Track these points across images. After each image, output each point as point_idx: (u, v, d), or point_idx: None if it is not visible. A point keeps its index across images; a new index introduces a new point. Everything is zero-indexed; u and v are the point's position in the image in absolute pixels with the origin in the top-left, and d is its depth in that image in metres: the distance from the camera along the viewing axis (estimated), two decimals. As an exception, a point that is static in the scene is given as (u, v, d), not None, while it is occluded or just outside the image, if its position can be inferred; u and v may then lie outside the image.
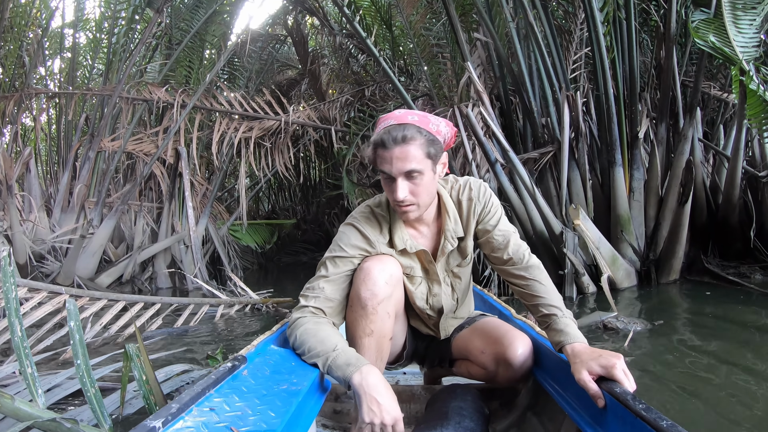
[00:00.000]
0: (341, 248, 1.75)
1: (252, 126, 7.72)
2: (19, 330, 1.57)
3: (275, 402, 1.34)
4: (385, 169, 1.62)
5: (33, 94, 7.85)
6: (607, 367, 1.34)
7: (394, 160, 1.60)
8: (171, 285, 7.56)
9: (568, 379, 1.45)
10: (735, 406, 2.28)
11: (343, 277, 1.73)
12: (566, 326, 1.58)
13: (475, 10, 6.46)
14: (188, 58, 8.51)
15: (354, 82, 9.74)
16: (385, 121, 1.68)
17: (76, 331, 1.63)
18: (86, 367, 1.60)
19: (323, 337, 1.56)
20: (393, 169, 1.61)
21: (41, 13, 8.71)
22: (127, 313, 4.24)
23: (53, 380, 2.52)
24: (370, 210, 1.82)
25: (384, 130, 1.63)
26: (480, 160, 5.53)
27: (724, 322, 3.86)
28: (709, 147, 6.27)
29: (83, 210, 7.45)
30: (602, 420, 1.31)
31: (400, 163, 1.60)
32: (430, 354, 2.09)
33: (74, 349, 1.62)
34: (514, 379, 1.81)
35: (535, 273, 1.75)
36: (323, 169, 12.13)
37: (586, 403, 1.38)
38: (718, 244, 5.75)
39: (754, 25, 4.89)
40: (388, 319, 1.71)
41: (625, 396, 1.21)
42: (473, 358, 1.90)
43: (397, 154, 1.60)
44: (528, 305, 1.74)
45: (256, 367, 1.55)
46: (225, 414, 1.22)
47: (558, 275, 4.91)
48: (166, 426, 1.07)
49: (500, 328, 1.89)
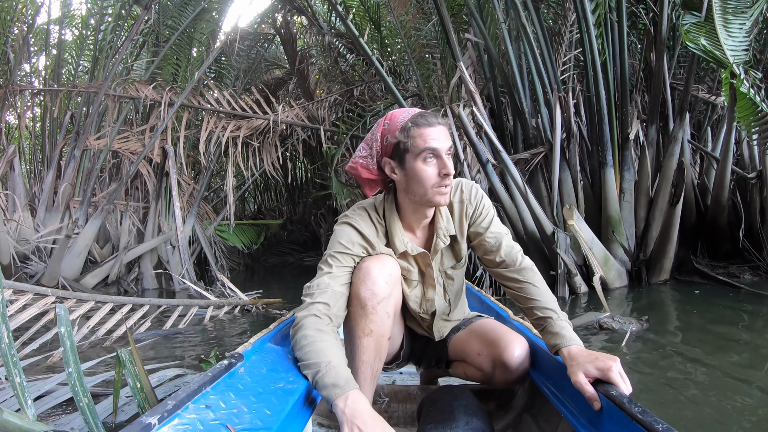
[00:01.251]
0: (342, 245, 1.71)
1: (240, 125, 7.65)
2: (6, 337, 1.51)
3: (271, 400, 1.34)
4: (432, 144, 1.61)
5: (17, 91, 7.72)
6: (603, 369, 1.34)
7: (441, 136, 1.63)
8: (157, 286, 7.48)
9: (564, 381, 1.45)
10: (727, 404, 2.30)
11: (346, 272, 1.70)
12: (562, 329, 1.57)
13: (465, 10, 6.45)
14: (176, 56, 8.45)
15: (342, 81, 9.70)
16: (405, 113, 1.69)
17: (67, 338, 1.57)
18: (78, 376, 1.55)
19: (319, 349, 1.50)
20: (442, 144, 1.63)
21: (27, 9, 8.58)
22: (114, 316, 4.17)
23: (42, 386, 2.46)
24: (366, 212, 1.79)
25: (417, 114, 1.65)
26: (471, 160, 5.51)
27: (716, 320, 3.91)
28: (698, 149, 6.32)
29: (68, 209, 7.35)
30: (598, 422, 1.31)
31: (446, 139, 1.64)
32: (426, 355, 2.08)
33: (65, 357, 1.56)
34: (511, 381, 1.80)
35: (529, 275, 1.74)
36: (310, 170, 12.09)
37: (582, 405, 1.38)
38: (707, 244, 5.81)
39: (744, 29, 4.93)
40: (387, 318, 1.69)
41: (621, 399, 1.21)
42: (470, 360, 1.89)
43: (442, 131, 1.63)
44: (522, 308, 1.73)
45: (252, 365, 1.54)
46: (221, 411, 1.21)
47: (550, 275, 4.91)
48: (161, 423, 1.06)
49: (497, 330, 1.87)
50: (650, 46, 5.99)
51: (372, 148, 1.73)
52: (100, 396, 2.47)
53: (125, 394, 2.32)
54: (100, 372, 3.00)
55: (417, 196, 1.69)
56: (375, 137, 1.72)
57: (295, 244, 11.55)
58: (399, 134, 1.64)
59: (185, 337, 4.22)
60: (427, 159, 1.63)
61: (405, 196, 1.74)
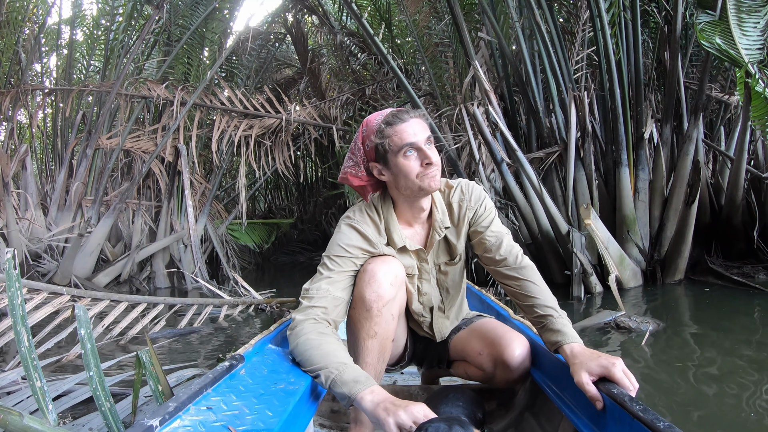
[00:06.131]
0: (342, 248, 1.72)
1: (252, 124, 7.66)
2: (26, 340, 1.49)
3: (273, 401, 1.34)
4: (409, 140, 1.65)
5: (29, 90, 7.76)
6: (607, 367, 1.34)
7: (416, 129, 1.67)
8: (169, 285, 7.50)
9: (565, 379, 1.45)
10: (743, 406, 2.29)
11: (345, 276, 1.71)
12: (563, 326, 1.57)
13: (478, 9, 6.43)
14: (187, 56, 8.47)
15: (354, 81, 9.70)
16: (379, 115, 1.74)
17: (88, 340, 1.55)
18: (100, 379, 1.53)
19: (329, 351, 1.51)
20: (418, 137, 1.66)
21: (38, 9, 8.62)
22: (129, 314, 4.17)
23: (60, 387, 2.45)
24: (365, 212, 1.81)
25: (388, 114, 1.70)
26: (486, 158, 5.50)
27: (732, 321, 3.89)
28: (712, 148, 6.27)
29: (80, 208, 7.38)
30: (600, 421, 1.31)
31: (422, 131, 1.67)
32: (428, 355, 2.08)
33: (86, 359, 1.54)
34: (512, 380, 1.80)
35: (528, 273, 1.74)
36: (321, 169, 12.10)
37: (584, 403, 1.38)
38: (721, 244, 5.79)
39: (758, 27, 4.88)
40: (392, 320, 1.71)
41: (623, 397, 1.21)
42: (471, 360, 1.90)
43: (415, 124, 1.67)
44: (522, 305, 1.73)
45: (253, 367, 1.55)
46: (222, 413, 1.23)
47: (565, 275, 4.89)
48: (163, 425, 1.07)
49: (498, 329, 1.88)
50: (663, 44, 5.96)
51: (356, 156, 1.78)
52: (117, 395, 2.46)
53: (144, 394, 2.31)
54: (114, 370, 3.00)
55: (408, 190, 1.72)
56: (357, 145, 1.77)
57: (305, 244, 11.55)
58: (376, 137, 1.69)
59: (200, 336, 4.23)
60: (407, 154, 1.66)
61: (398, 193, 1.77)
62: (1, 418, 1.30)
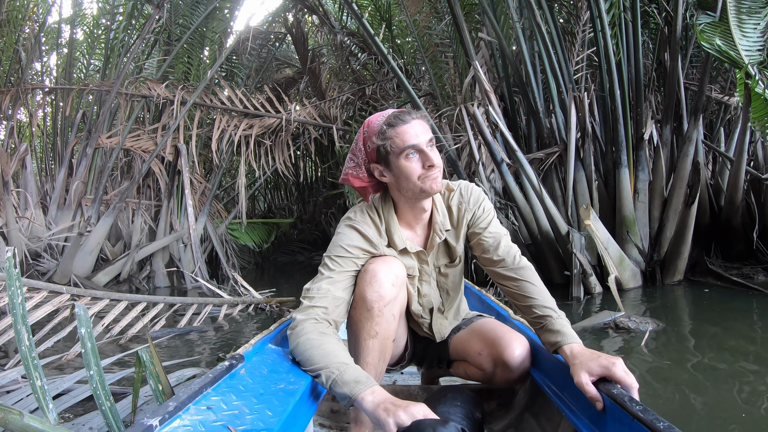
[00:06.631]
0: (343, 248, 1.72)
1: (252, 123, 7.66)
2: (27, 339, 1.49)
3: (272, 401, 1.34)
4: (411, 141, 1.64)
5: (29, 89, 7.76)
6: (607, 367, 1.34)
7: (418, 131, 1.66)
8: (169, 284, 7.49)
9: (565, 380, 1.45)
10: (743, 406, 2.30)
11: (346, 276, 1.71)
12: (563, 327, 1.56)
13: (478, 9, 6.42)
14: (187, 55, 8.47)
15: (354, 80, 9.69)
16: (381, 116, 1.72)
17: (88, 339, 1.54)
18: (100, 378, 1.53)
19: (329, 351, 1.51)
20: (420, 139, 1.65)
21: (38, 7, 8.62)
22: (129, 314, 4.17)
23: (60, 385, 2.44)
24: (366, 212, 1.81)
25: (390, 116, 1.69)
26: (486, 159, 5.50)
27: (731, 322, 3.89)
28: (712, 149, 6.27)
29: (80, 207, 7.37)
30: (599, 421, 1.31)
31: (424, 132, 1.66)
32: (428, 355, 2.08)
33: (86, 359, 1.54)
34: (512, 381, 1.80)
35: (526, 274, 1.74)
36: (321, 169, 12.10)
37: (584, 404, 1.37)
38: (721, 245, 5.78)
39: (759, 29, 4.88)
40: (393, 321, 1.71)
41: (623, 397, 1.21)
42: (471, 360, 1.90)
43: (417, 125, 1.66)
44: (520, 306, 1.73)
45: (253, 366, 1.55)
46: (222, 413, 1.22)
47: (564, 276, 4.89)
48: (163, 424, 1.07)
49: (498, 329, 1.87)
50: (663, 45, 5.96)
51: (357, 157, 1.77)
52: (117, 394, 2.46)
53: (144, 393, 2.31)
54: (113, 369, 3.00)
55: (409, 192, 1.72)
56: (358, 146, 1.76)
57: (305, 243, 11.54)
58: (377, 139, 1.68)
59: (200, 336, 4.23)
60: (408, 156, 1.66)
61: (399, 195, 1.77)
62: (1, 417, 1.30)
